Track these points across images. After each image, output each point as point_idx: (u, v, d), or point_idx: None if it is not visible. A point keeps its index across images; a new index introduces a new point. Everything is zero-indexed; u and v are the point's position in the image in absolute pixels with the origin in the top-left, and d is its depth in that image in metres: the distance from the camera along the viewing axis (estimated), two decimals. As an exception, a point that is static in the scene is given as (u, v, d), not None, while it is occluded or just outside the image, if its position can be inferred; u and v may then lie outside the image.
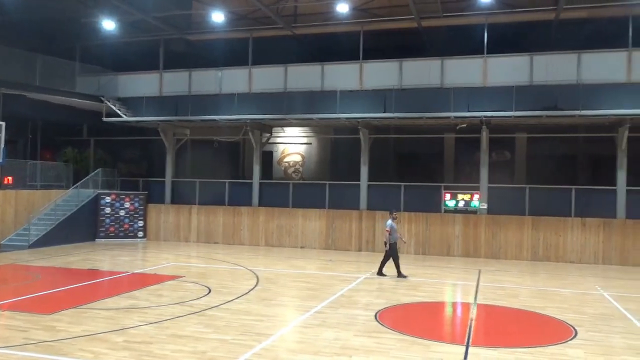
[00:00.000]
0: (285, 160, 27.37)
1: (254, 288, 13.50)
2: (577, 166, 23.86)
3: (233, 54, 23.38)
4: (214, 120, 22.64)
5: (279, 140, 26.96)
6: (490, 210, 20.36)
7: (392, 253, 15.41)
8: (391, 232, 15.36)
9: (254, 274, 15.56)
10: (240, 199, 23.43)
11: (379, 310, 11.25)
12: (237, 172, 27.36)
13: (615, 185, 19.48)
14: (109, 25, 21.94)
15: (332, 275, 15.85)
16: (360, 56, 21.39)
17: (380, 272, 15.58)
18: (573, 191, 19.91)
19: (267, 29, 22.85)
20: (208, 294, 12.58)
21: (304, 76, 21.97)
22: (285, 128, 25.92)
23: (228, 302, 11.75)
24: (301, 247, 22.14)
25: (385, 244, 15.54)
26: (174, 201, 24.39)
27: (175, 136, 24.89)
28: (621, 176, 19.36)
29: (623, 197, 19.29)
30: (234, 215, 23.15)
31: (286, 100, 21.55)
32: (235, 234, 23.10)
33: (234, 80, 22.80)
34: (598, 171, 22.42)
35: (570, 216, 19.68)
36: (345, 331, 9.56)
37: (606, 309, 12.10)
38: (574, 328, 10.23)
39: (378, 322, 10.34)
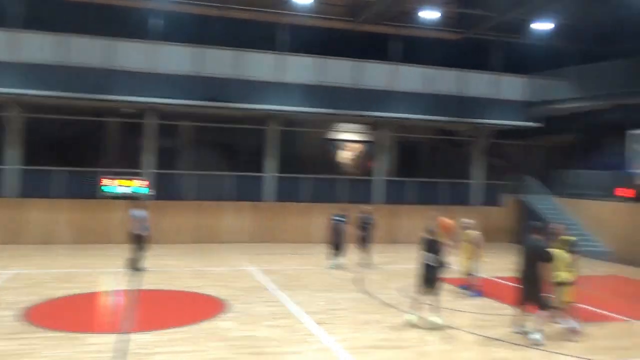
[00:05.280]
0: None
1: None
2: (235, 154, 25.98)
3: None
4: None
5: None
6: (155, 196, 20.51)
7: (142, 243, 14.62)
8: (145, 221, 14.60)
9: None
10: None
11: (27, 308, 10.29)
12: None
13: (264, 172, 21.92)
14: None
15: (-30, 273, 13.73)
16: (20, 25, 18.79)
17: (137, 267, 14.46)
18: (230, 177, 21.64)
19: None
20: None
21: None
22: None
23: None
24: None
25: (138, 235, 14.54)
26: None
27: None
28: (269, 164, 21.89)
29: (272, 182, 21.87)
30: None
31: None
32: None
33: None
34: (251, 159, 24.83)
35: (228, 200, 21.35)
36: (-16, 336, 8.48)
37: (253, 282, 13.65)
38: (226, 302, 11.25)
39: (25, 321, 9.46)
